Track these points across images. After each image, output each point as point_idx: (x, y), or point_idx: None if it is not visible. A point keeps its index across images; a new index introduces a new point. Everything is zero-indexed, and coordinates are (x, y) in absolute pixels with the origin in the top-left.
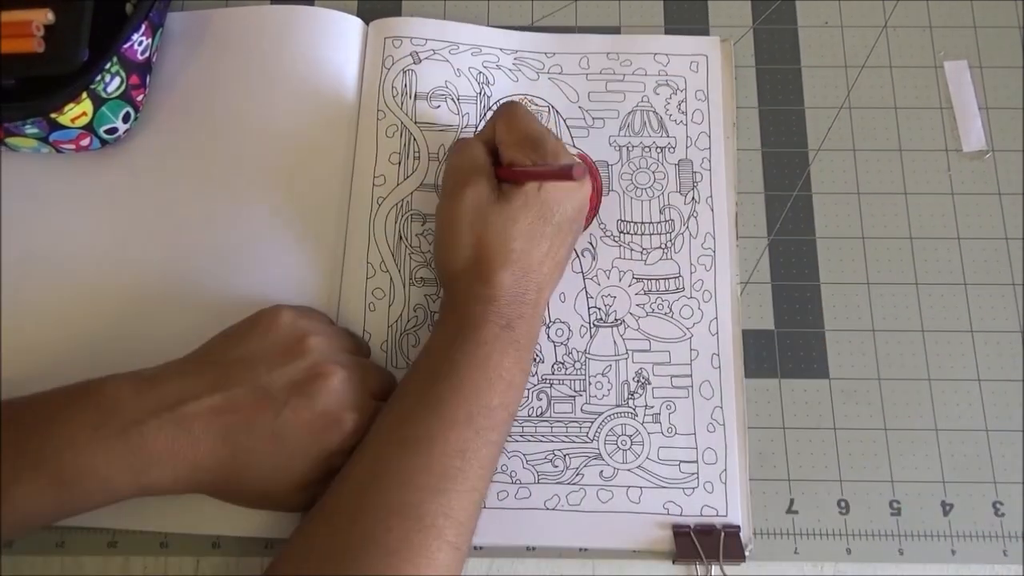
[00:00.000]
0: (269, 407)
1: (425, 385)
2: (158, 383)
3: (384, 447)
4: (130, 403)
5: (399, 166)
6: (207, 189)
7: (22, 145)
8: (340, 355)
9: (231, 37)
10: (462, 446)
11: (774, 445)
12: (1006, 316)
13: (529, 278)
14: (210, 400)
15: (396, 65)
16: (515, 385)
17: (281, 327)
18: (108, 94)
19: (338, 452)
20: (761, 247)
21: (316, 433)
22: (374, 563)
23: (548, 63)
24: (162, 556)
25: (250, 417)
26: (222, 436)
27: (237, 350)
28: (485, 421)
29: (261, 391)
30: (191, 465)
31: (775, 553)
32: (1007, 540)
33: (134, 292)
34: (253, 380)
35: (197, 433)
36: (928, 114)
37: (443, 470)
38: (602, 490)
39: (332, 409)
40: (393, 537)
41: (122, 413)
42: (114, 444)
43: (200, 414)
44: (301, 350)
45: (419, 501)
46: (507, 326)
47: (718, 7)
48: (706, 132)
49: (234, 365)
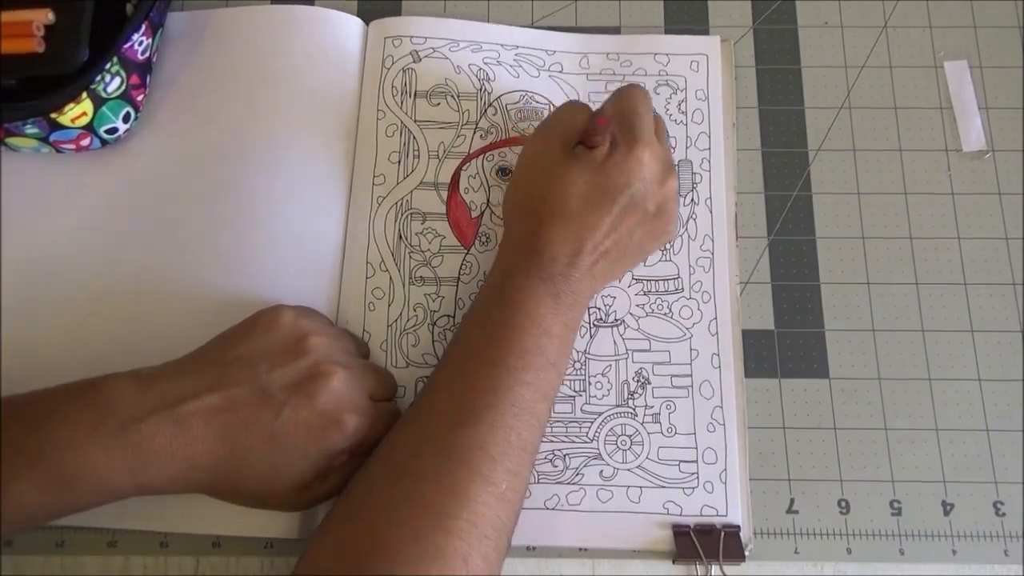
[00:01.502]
0: (268, 407)
1: (465, 334)
2: (157, 382)
3: (430, 390)
4: (129, 401)
5: (399, 165)
6: (207, 188)
7: (22, 145)
8: (341, 355)
9: (231, 37)
10: (492, 384)
11: (774, 445)
12: (1006, 316)
13: (581, 242)
14: (209, 399)
15: (396, 64)
16: (553, 335)
17: (281, 327)
18: (108, 94)
19: (338, 452)
20: (761, 247)
21: (315, 433)
22: (403, 489)
23: (549, 60)
24: (162, 556)
25: (249, 417)
26: (221, 435)
27: (237, 350)
28: (517, 361)
29: (261, 390)
30: (189, 464)
31: (775, 553)
32: (1008, 540)
33: (134, 291)
34: (253, 379)
35: (196, 432)
36: (928, 114)
37: (474, 405)
38: (602, 490)
39: (332, 409)
40: (422, 464)
41: (121, 411)
42: (113, 443)
43: (199, 413)
44: (302, 350)
45: (448, 431)
46: (547, 279)
47: (718, 7)
48: (706, 132)
49: (234, 364)
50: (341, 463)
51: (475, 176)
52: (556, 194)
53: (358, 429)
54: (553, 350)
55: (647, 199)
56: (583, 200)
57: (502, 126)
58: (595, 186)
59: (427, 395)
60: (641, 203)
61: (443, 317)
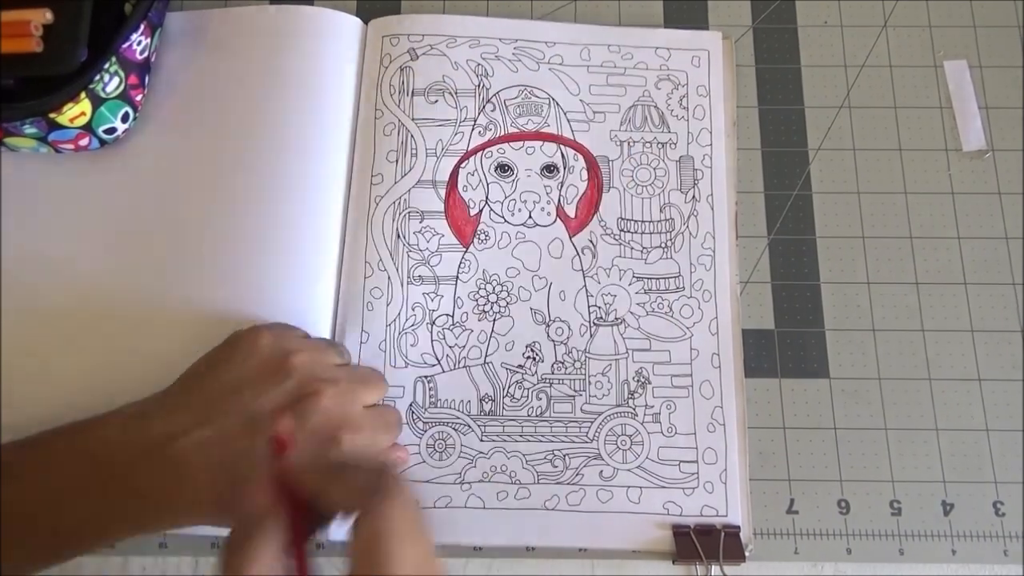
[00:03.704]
0: (260, 434)
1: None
2: (145, 420)
3: None
4: (119, 446)
5: (396, 164)
6: (205, 188)
7: (21, 145)
8: (325, 371)
9: (230, 37)
10: None
11: (774, 445)
12: (1006, 316)
13: None
14: (200, 434)
15: (394, 63)
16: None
17: (261, 349)
18: (107, 94)
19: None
20: (761, 246)
21: (312, 453)
22: None
23: (548, 53)
24: (161, 556)
25: (243, 446)
26: (217, 467)
27: (220, 378)
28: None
29: (249, 418)
30: (189, 502)
31: (775, 553)
32: (1007, 540)
33: (131, 291)
34: (241, 408)
35: (192, 469)
36: (928, 114)
37: None
38: (602, 490)
39: (324, 428)
40: None
41: (113, 458)
42: (108, 493)
43: (191, 449)
44: (286, 371)
45: None
46: None
47: (718, 6)
48: (707, 128)
49: (220, 394)
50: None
51: (473, 174)
52: None
53: (354, 444)
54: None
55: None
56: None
57: (500, 122)
58: None
59: None
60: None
61: (442, 316)
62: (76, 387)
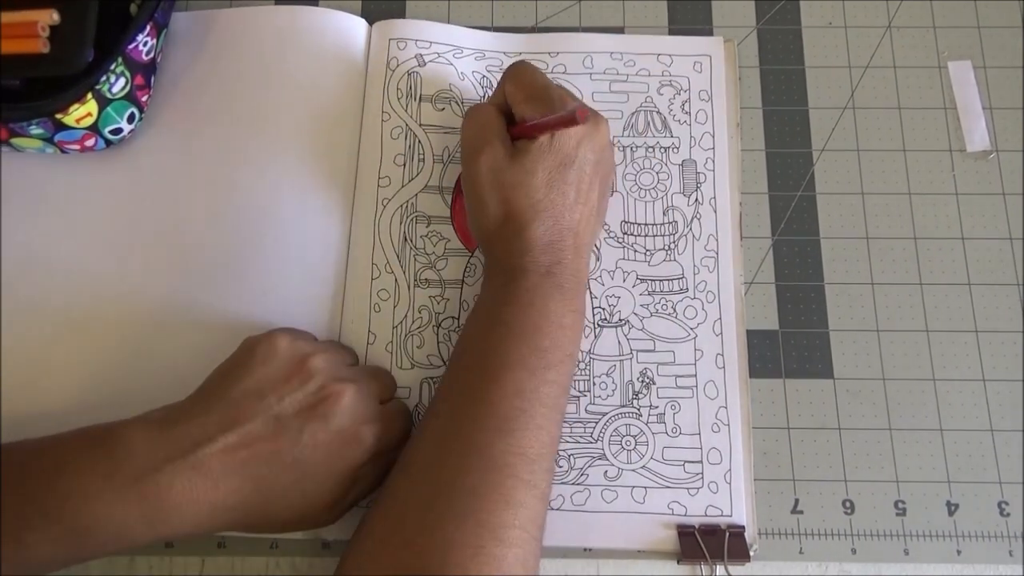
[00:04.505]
0: (286, 436)
1: (478, 337)
2: (169, 427)
3: (451, 397)
4: (143, 450)
5: (404, 168)
6: (211, 188)
7: (27, 145)
8: (343, 370)
9: (235, 38)
10: (518, 387)
11: (779, 445)
12: (1010, 316)
13: (561, 225)
14: (224, 440)
15: (401, 67)
16: (565, 326)
17: (280, 353)
18: (113, 95)
19: (362, 464)
20: (765, 247)
21: (337, 452)
22: (455, 505)
23: (552, 63)
24: (167, 556)
25: (268, 449)
26: (243, 473)
27: (241, 383)
28: (538, 362)
29: (275, 421)
30: (212, 507)
31: (780, 553)
32: (1012, 540)
33: (136, 291)
34: (264, 412)
35: (216, 475)
36: (932, 114)
37: (506, 411)
38: (607, 490)
39: (348, 426)
40: (472, 480)
41: (135, 461)
42: (128, 494)
43: (216, 455)
44: (306, 373)
45: (489, 442)
46: (547, 273)
47: (722, 7)
48: (710, 132)
49: (242, 399)
50: (368, 472)
51: None
52: (524, 193)
53: (377, 438)
54: (567, 342)
55: (590, 153)
56: (548, 186)
57: None
58: (552, 169)
59: (446, 403)
60: (589, 161)
61: (448, 319)
62: (80, 388)
